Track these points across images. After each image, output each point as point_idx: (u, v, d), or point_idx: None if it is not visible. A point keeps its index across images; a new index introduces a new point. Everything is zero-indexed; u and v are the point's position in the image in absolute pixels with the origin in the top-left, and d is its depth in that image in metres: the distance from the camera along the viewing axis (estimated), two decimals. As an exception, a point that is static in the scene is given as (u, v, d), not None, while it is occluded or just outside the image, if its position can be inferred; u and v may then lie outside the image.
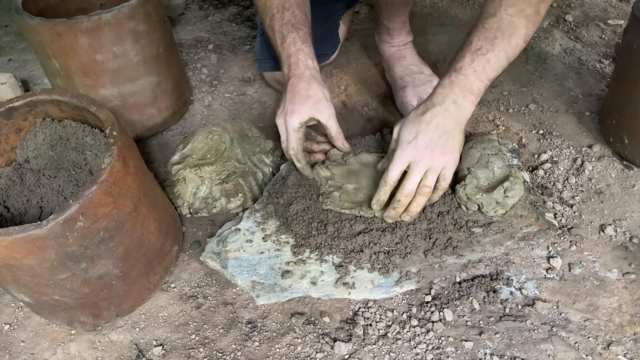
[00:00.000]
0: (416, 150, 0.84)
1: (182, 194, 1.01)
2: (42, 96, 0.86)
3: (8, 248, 0.68)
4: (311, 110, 0.92)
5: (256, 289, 0.86)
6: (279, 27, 0.94)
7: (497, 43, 0.82)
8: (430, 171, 0.84)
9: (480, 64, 0.83)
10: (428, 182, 0.84)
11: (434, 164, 0.84)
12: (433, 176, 0.85)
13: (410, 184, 0.84)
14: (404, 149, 0.85)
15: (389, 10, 1.18)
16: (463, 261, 0.88)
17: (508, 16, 0.81)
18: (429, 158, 0.84)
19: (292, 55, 0.93)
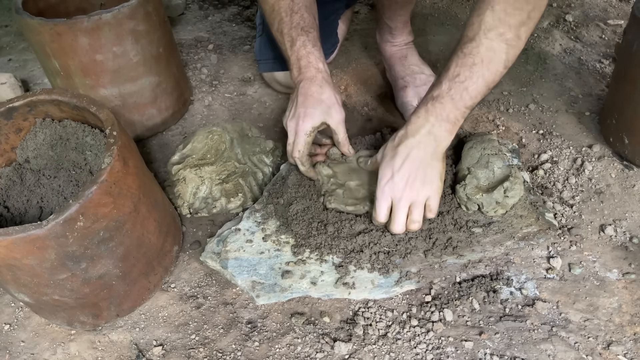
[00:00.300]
0: (395, 188, 0.84)
1: (182, 194, 1.01)
2: (42, 96, 0.86)
3: (8, 248, 0.68)
4: (323, 115, 0.92)
5: (256, 289, 0.86)
6: (287, 30, 0.94)
7: (475, 70, 0.79)
8: (415, 205, 0.84)
9: (458, 91, 0.80)
10: (415, 217, 0.85)
11: (416, 197, 0.84)
12: (419, 209, 0.85)
13: (397, 225, 0.86)
14: (383, 189, 0.85)
15: (391, 9, 1.18)
16: (463, 261, 0.88)
17: (487, 41, 0.78)
18: (409, 193, 0.83)
19: (302, 58, 0.93)
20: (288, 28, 0.94)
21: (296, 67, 0.94)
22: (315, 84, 0.92)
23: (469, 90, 0.80)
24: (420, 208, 0.85)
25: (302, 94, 0.92)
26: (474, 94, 0.80)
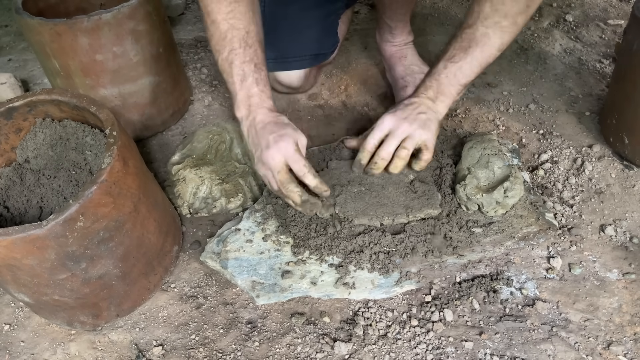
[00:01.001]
0: (396, 119, 0.89)
1: (182, 194, 1.01)
2: (42, 96, 0.86)
3: (8, 248, 0.68)
4: (295, 134, 0.88)
5: (256, 289, 0.86)
6: (239, 63, 0.89)
7: (470, 52, 0.87)
8: (409, 138, 0.89)
9: (452, 70, 0.89)
10: (407, 145, 0.89)
11: (413, 133, 0.89)
12: (411, 142, 0.89)
13: (387, 147, 0.90)
14: (384, 119, 0.90)
15: (392, 9, 1.18)
16: (463, 261, 0.88)
17: (483, 27, 0.85)
18: (408, 127, 0.88)
19: (253, 96, 0.89)
20: (240, 61, 0.89)
21: (245, 105, 0.90)
22: (270, 115, 0.90)
23: (463, 69, 0.89)
24: (413, 141, 0.89)
25: (264, 125, 0.88)
26: (468, 73, 0.89)
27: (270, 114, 0.90)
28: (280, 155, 0.85)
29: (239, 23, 0.89)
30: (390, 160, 0.91)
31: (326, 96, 1.30)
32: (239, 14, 0.88)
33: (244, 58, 0.89)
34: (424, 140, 0.89)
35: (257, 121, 0.89)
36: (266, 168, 0.87)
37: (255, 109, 0.89)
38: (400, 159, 0.90)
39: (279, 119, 0.89)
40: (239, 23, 0.89)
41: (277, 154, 0.85)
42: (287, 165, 0.86)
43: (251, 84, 0.89)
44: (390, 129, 0.89)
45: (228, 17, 0.88)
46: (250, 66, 0.89)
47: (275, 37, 1.18)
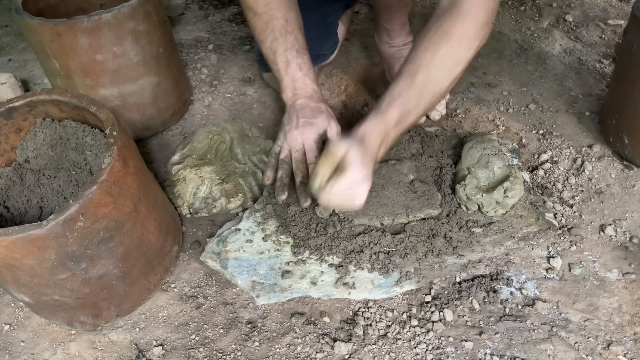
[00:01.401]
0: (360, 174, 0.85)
1: (182, 194, 1.01)
2: (42, 96, 0.86)
3: (8, 248, 0.68)
4: (325, 124, 0.94)
5: (256, 289, 0.86)
6: (282, 50, 0.95)
7: (422, 100, 0.84)
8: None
9: (404, 120, 0.85)
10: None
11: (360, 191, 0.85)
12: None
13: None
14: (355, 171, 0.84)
15: (388, 13, 1.18)
16: (463, 261, 0.88)
17: (437, 73, 0.83)
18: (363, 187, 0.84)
19: (297, 81, 0.96)
20: (283, 49, 0.95)
21: (290, 89, 0.97)
22: (312, 101, 0.96)
23: (410, 119, 0.86)
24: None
25: (301, 108, 0.95)
26: (410, 122, 0.87)
27: (311, 100, 0.96)
28: (302, 138, 0.94)
29: (277, 13, 0.95)
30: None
31: (326, 96, 1.30)
32: (276, 4, 0.94)
33: (286, 46, 0.95)
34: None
35: (297, 103, 0.96)
36: (288, 141, 0.96)
37: (300, 93, 0.97)
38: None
39: (317, 106, 0.96)
40: (277, 13, 0.95)
41: (300, 136, 0.94)
42: (303, 148, 0.94)
43: (295, 69, 0.96)
44: (353, 182, 0.84)
45: (266, 8, 0.94)
46: (293, 52, 0.95)
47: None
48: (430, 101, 0.85)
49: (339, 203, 0.82)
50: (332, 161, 0.80)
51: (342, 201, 0.81)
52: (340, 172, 0.79)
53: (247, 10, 0.96)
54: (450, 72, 0.83)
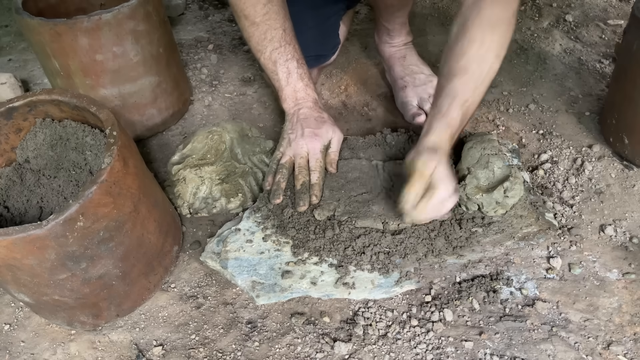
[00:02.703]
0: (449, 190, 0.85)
1: (182, 194, 1.01)
2: (42, 96, 0.86)
3: (8, 248, 0.68)
4: (329, 133, 0.98)
5: (256, 289, 0.86)
6: (283, 61, 0.97)
7: (477, 92, 0.85)
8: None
9: (466, 116, 0.86)
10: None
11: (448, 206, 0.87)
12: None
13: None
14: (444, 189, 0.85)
15: (388, 12, 1.18)
16: (463, 261, 0.88)
17: (489, 61, 0.84)
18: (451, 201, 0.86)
19: (299, 91, 0.99)
20: (284, 59, 0.97)
21: (292, 99, 1.00)
22: (315, 111, 0.99)
23: (469, 112, 0.87)
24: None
25: (305, 118, 0.98)
26: (471, 114, 0.88)
27: (314, 110, 1.00)
28: (307, 148, 0.97)
29: (275, 23, 0.95)
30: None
31: (326, 96, 1.30)
32: (274, 14, 0.95)
33: (286, 56, 0.97)
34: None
35: (300, 112, 0.99)
36: (292, 149, 0.98)
37: (302, 103, 1.00)
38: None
39: (320, 116, 0.99)
40: (275, 23, 0.95)
41: (305, 146, 0.97)
42: (307, 156, 0.97)
43: (296, 79, 0.99)
44: (443, 199, 0.85)
45: (265, 18, 0.94)
46: (293, 63, 0.98)
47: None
48: (484, 90, 0.86)
49: (429, 218, 0.85)
50: (422, 181, 0.81)
51: (432, 216, 0.85)
52: (432, 191, 0.81)
53: (244, 20, 0.95)
54: (499, 57, 0.84)
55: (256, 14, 0.94)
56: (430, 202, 0.81)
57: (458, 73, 0.83)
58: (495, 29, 0.82)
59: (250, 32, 0.96)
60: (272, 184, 0.97)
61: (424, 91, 1.17)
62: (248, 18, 0.95)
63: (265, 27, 0.95)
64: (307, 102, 1.00)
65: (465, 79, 0.83)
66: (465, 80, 0.83)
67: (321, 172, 0.96)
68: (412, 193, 0.81)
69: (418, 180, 0.81)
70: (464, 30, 0.83)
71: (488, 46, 0.82)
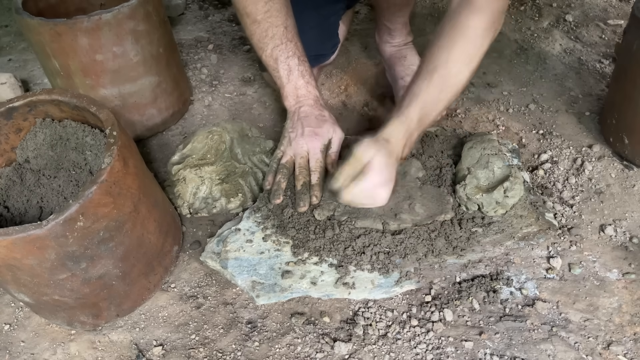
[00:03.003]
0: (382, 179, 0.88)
1: (182, 194, 1.01)
2: (42, 96, 0.86)
3: (8, 248, 0.68)
4: (330, 133, 0.97)
5: (256, 289, 0.86)
6: (284, 58, 0.96)
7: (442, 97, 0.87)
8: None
9: (426, 117, 0.89)
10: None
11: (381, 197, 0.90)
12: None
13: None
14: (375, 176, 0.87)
15: (390, 11, 1.18)
16: (463, 261, 0.88)
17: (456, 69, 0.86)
18: (382, 192, 0.89)
19: (300, 88, 0.98)
20: (285, 56, 0.96)
21: (293, 96, 0.99)
22: (316, 109, 0.99)
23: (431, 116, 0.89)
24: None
25: (306, 116, 0.98)
26: (432, 119, 0.91)
27: (315, 108, 0.99)
28: (308, 147, 0.96)
29: (276, 20, 0.95)
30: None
31: (326, 96, 1.30)
32: (275, 12, 0.94)
33: (287, 53, 0.96)
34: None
35: (301, 110, 0.98)
36: (292, 148, 0.97)
37: (303, 100, 0.99)
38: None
39: (321, 114, 0.98)
40: (277, 20, 0.95)
41: (305, 145, 0.96)
42: (307, 155, 0.96)
43: (297, 77, 0.98)
44: (374, 186, 0.88)
45: (266, 15, 0.94)
46: (295, 60, 0.97)
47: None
48: (449, 97, 0.87)
49: (359, 203, 0.87)
50: (356, 165, 0.84)
51: (363, 202, 0.87)
52: (363, 175, 0.84)
53: (245, 17, 0.96)
54: (468, 66, 0.85)
55: (257, 12, 0.94)
56: (359, 185, 0.84)
57: (424, 76, 0.86)
58: (468, 39, 0.83)
59: (252, 30, 0.96)
60: (273, 184, 0.97)
61: (423, 91, 1.17)
62: (250, 16, 0.95)
63: (267, 25, 0.95)
64: (308, 99, 0.99)
65: (429, 82, 0.85)
66: (429, 84, 0.85)
67: (321, 173, 0.95)
68: (342, 174, 0.86)
69: (352, 163, 0.85)
70: (437, 36, 0.85)
71: (457, 55, 0.84)
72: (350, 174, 0.85)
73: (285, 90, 0.99)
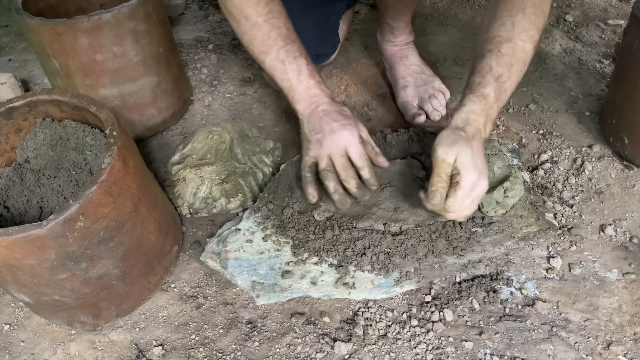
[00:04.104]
0: (475, 173, 0.80)
1: (182, 194, 1.01)
2: (42, 96, 0.86)
3: (8, 248, 0.68)
4: (358, 127, 0.90)
5: (256, 289, 0.86)
6: (292, 59, 0.90)
7: (513, 70, 0.84)
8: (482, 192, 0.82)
9: (501, 92, 0.84)
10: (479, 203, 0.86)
11: (484, 187, 0.82)
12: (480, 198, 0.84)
13: (469, 209, 0.83)
14: (467, 176, 0.80)
15: (394, 9, 1.18)
16: (463, 261, 0.88)
17: (521, 42, 0.83)
18: (484, 183, 0.81)
19: (312, 88, 0.91)
20: (292, 57, 0.90)
21: (306, 97, 0.91)
22: (334, 105, 0.92)
23: (507, 91, 0.85)
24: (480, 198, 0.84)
25: (328, 113, 0.90)
26: (509, 94, 0.86)
27: (333, 104, 0.91)
28: (344, 142, 0.87)
29: (278, 22, 0.90)
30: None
31: (326, 96, 1.30)
32: (276, 13, 0.90)
33: (294, 54, 0.90)
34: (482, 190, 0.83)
35: (320, 109, 0.90)
36: (325, 149, 0.88)
37: (318, 99, 0.91)
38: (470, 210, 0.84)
39: (342, 110, 0.91)
40: (278, 22, 0.90)
41: (341, 140, 0.87)
42: (347, 152, 0.88)
43: (308, 77, 0.91)
44: (472, 185, 0.80)
45: (268, 17, 0.89)
46: (302, 60, 0.91)
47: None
48: (519, 71, 0.85)
49: (469, 212, 0.83)
50: (445, 171, 0.79)
51: (471, 209, 0.82)
52: (456, 183, 0.79)
53: (244, 22, 0.90)
54: (531, 39, 0.84)
55: (259, 14, 0.89)
56: (459, 197, 0.78)
57: (490, 53, 0.84)
58: (525, 14, 0.83)
59: (253, 34, 0.90)
60: (318, 195, 0.91)
61: (424, 91, 1.17)
62: (249, 19, 0.89)
63: (269, 27, 0.90)
64: (324, 97, 0.91)
65: (498, 56, 0.83)
66: (498, 57, 0.83)
67: (370, 166, 0.89)
68: (435, 184, 0.79)
69: (440, 171, 0.79)
70: (495, 14, 0.84)
71: (520, 28, 0.83)
72: (444, 186, 0.79)
73: (296, 93, 0.91)
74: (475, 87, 0.83)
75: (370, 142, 0.91)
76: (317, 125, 0.90)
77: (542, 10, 0.83)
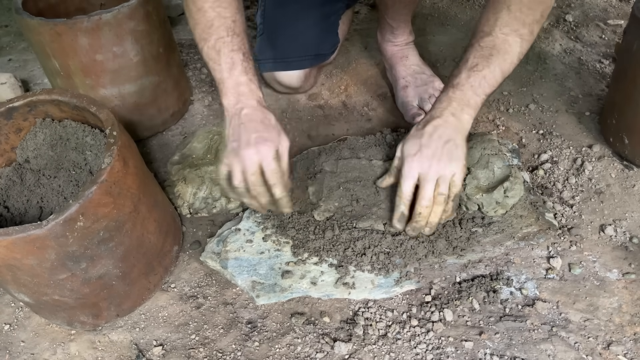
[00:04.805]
0: (423, 161, 0.84)
1: (182, 194, 1.01)
2: (42, 96, 0.86)
3: (8, 248, 0.68)
4: (276, 141, 0.86)
5: (256, 289, 0.86)
6: (228, 51, 0.87)
7: (492, 60, 0.84)
8: (441, 179, 0.83)
9: (477, 79, 0.85)
10: (442, 190, 0.84)
11: (443, 172, 0.83)
12: (445, 184, 0.83)
13: (426, 194, 0.83)
14: (411, 163, 0.84)
15: (395, 9, 1.18)
16: (463, 261, 0.88)
17: (503, 35, 0.84)
18: (437, 167, 0.83)
19: (242, 85, 0.88)
20: (229, 49, 0.87)
21: (234, 93, 0.88)
22: (259, 111, 0.88)
23: (487, 78, 0.85)
24: (446, 182, 0.84)
25: (250, 120, 0.86)
26: (492, 82, 0.85)
27: (259, 110, 0.88)
28: (258, 157, 0.84)
29: (225, 12, 0.88)
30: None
31: (326, 96, 1.30)
32: (225, 3, 0.88)
33: (232, 46, 0.88)
34: (454, 174, 0.84)
35: (243, 113, 0.87)
36: (238, 162, 0.86)
37: (244, 100, 0.88)
38: (438, 205, 0.85)
39: (266, 118, 0.88)
40: (226, 12, 0.88)
41: (255, 156, 0.84)
42: (260, 168, 0.85)
43: (240, 72, 0.88)
44: (420, 174, 0.84)
45: (214, 5, 0.87)
46: (239, 55, 0.88)
47: (276, 37, 1.18)
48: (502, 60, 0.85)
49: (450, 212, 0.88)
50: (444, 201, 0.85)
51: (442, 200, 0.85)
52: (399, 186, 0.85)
53: (191, 4, 0.88)
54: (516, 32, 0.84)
55: (206, 0, 0.87)
56: (403, 193, 0.85)
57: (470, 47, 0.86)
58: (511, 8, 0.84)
59: (197, 19, 0.88)
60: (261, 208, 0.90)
61: (424, 91, 1.17)
62: (195, 3, 0.87)
63: (214, 14, 0.87)
64: (251, 100, 0.88)
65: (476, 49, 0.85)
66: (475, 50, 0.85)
67: (283, 184, 0.86)
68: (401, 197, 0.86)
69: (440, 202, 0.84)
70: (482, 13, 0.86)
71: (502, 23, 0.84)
72: (404, 202, 0.85)
73: (225, 86, 0.88)
74: (448, 80, 0.87)
75: (283, 159, 0.87)
76: (235, 132, 0.87)
77: (529, 6, 0.83)
